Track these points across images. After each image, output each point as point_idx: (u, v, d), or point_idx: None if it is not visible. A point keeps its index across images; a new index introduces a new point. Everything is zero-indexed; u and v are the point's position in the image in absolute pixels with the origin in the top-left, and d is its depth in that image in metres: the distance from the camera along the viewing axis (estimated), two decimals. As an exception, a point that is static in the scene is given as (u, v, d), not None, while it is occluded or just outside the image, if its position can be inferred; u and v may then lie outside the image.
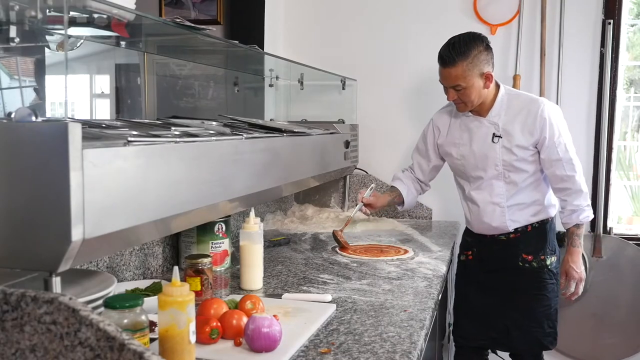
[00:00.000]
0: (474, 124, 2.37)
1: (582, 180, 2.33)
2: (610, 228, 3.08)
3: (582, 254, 2.41)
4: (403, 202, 2.57)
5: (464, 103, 2.30)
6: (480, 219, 2.41)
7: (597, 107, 3.01)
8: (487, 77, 2.25)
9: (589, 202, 2.35)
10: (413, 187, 2.59)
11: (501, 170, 2.32)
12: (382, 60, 3.21)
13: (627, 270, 3.02)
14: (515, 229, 2.37)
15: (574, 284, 2.38)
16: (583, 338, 3.03)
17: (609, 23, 2.94)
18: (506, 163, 2.31)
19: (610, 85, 2.97)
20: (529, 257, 2.36)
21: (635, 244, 3.03)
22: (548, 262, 2.36)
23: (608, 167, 3.04)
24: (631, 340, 3.01)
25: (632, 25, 3.29)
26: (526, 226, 2.38)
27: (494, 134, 2.32)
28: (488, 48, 2.26)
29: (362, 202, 2.47)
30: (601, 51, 2.98)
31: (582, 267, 2.39)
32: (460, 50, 2.20)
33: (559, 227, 2.49)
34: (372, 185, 2.62)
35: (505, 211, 2.35)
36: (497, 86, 2.35)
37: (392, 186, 2.60)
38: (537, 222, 2.38)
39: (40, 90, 1.75)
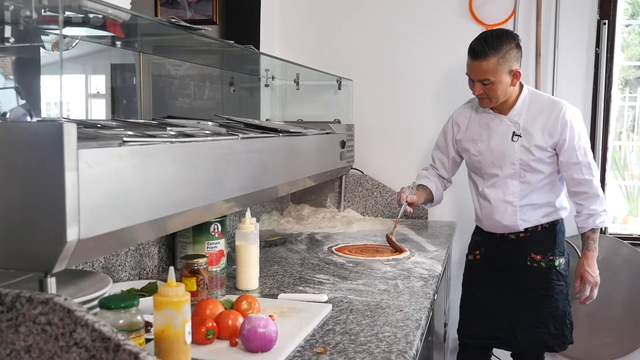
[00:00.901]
0: (494, 122, 2.37)
1: (599, 185, 2.34)
2: (605, 228, 3.09)
3: (577, 254, 2.42)
4: (433, 199, 2.59)
5: (488, 98, 2.29)
6: (492, 217, 2.41)
7: (592, 107, 3.02)
8: (515, 75, 2.26)
9: (605, 207, 2.35)
10: (440, 184, 2.61)
11: (517, 170, 2.33)
12: (377, 60, 3.21)
13: (622, 270, 3.02)
14: (525, 229, 2.38)
15: (589, 288, 2.39)
16: (579, 338, 3.02)
17: (604, 23, 2.95)
18: (523, 162, 2.31)
19: (605, 85, 2.98)
20: (538, 257, 2.36)
21: (631, 243, 3.04)
22: (557, 263, 2.36)
23: (603, 167, 3.05)
24: (627, 340, 3.02)
25: (627, 26, 3.30)
26: (536, 226, 2.38)
27: (514, 132, 2.32)
28: (519, 46, 2.27)
29: (406, 201, 2.45)
30: (596, 51, 2.98)
31: (597, 272, 2.39)
32: (493, 45, 2.20)
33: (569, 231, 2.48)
34: (415, 182, 2.60)
35: (517, 210, 2.35)
36: (521, 86, 2.35)
37: (419, 185, 2.59)
38: (548, 223, 2.39)
39: (35, 90, 1.74)
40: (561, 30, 2.99)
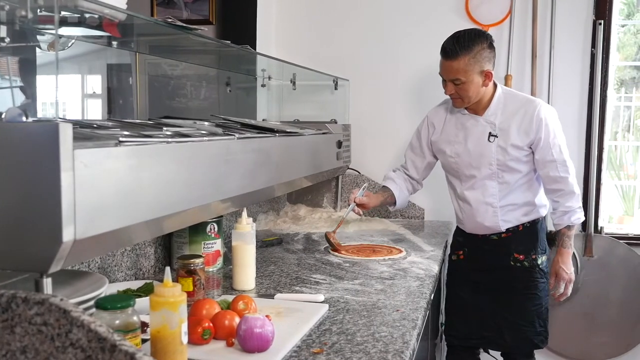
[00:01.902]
0: (470, 123, 2.37)
1: (575, 182, 2.35)
2: (601, 227, 3.10)
3: (574, 254, 2.43)
4: (395, 202, 2.57)
5: (460, 98, 2.30)
6: (473, 219, 2.41)
7: (588, 107, 3.03)
8: (487, 75, 2.26)
9: (581, 204, 2.37)
10: (405, 186, 2.59)
11: (495, 170, 2.33)
12: (374, 60, 3.21)
13: (618, 270, 3.03)
14: (507, 229, 2.39)
15: (564, 285, 2.40)
16: (574, 337, 3.05)
17: (600, 24, 2.96)
18: (500, 162, 2.32)
19: (601, 85, 2.99)
20: (521, 257, 2.37)
21: (626, 243, 3.05)
22: (539, 262, 2.38)
23: (599, 166, 3.06)
24: (622, 339, 3.03)
25: (623, 26, 3.31)
26: (517, 226, 2.39)
27: (490, 133, 2.32)
28: (491, 47, 2.27)
29: (354, 202, 2.46)
30: (592, 51, 2.99)
31: (572, 269, 2.41)
32: (464, 45, 2.21)
33: (550, 227, 2.50)
34: (365, 185, 2.63)
35: (498, 211, 2.36)
36: (495, 85, 2.35)
37: (383, 186, 2.59)
38: (529, 222, 2.40)
39: (31, 91, 1.74)
40: (557, 31, 3.00)
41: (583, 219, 2.38)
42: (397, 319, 1.57)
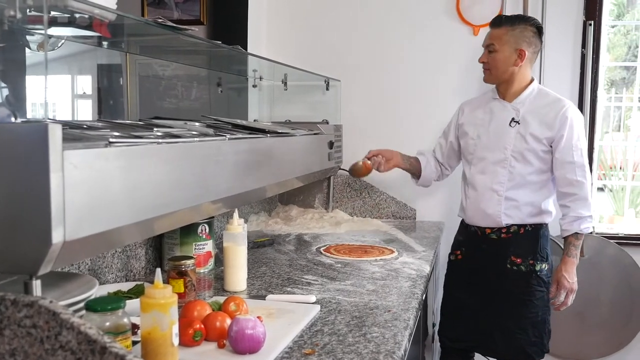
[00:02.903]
0: (497, 107, 2.41)
1: (590, 191, 2.33)
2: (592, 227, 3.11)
3: None
4: (420, 175, 2.64)
5: (489, 70, 2.36)
6: (477, 205, 2.41)
7: (579, 108, 3.04)
8: (520, 54, 2.31)
9: (592, 213, 2.33)
10: (433, 164, 2.66)
11: (508, 156, 2.34)
12: (365, 60, 3.22)
13: (608, 269, 3.05)
14: (508, 229, 2.37)
15: (564, 294, 2.35)
16: (566, 336, 3.06)
17: (590, 24, 2.98)
18: (516, 149, 2.33)
19: (591, 85, 3.01)
20: (518, 260, 2.35)
21: (617, 243, 3.06)
22: (537, 268, 2.34)
23: (590, 166, 3.06)
24: (614, 338, 3.05)
25: (613, 27, 3.33)
26: (519, 228, 2.36)
27: (512, 118, 2.35)
28: (537, 34, 2.34)
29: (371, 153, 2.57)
30: (582, 52, 3.01)
31: (575, 279, 2.35)
32: (510, 18, 2.35)
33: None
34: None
35: (502, 201, 2.35)
36: (532, 80, 2.40)
37: (412, 157, 2.68)
38: (531, 226, 2.37)
39: (20, 91, 1.73)
40: (547, 31, 3.01)
41: (592, 230, 2.35)
42: (389, 319, 1.58)
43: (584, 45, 3.00)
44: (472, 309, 2.43)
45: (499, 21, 2.35)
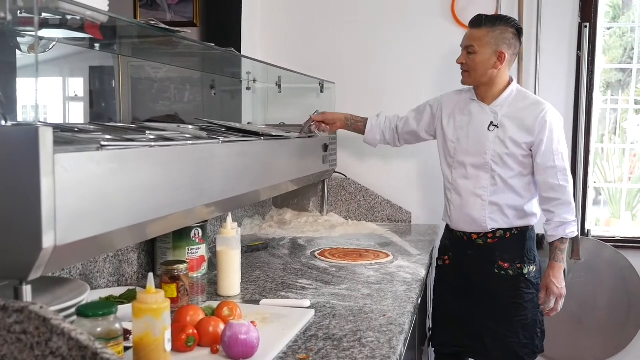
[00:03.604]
0: (476, 109, 2.39)
1: (572, 194, 2.32)
2: (588, 230, 3.13)
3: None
4: (363, 128, 2.73)
5: (468, 72, 2.34)
6: (461, 210, 2.39)
7: (574, 110, 3.05)
8: (500, 57, 2.28)
9: (575, 217, 2.33)
10: (383, 127, 2.71)
11: (488, 160, 2.32)
12: (360, 63, 3.22)
13: (605, 272, 3.06)
14: (494, 234, 2.36)
15: (554, 300, 2.34)
16: (562, 340, 3.07)
17: (585, 26, 2.99)
18: (495, 154, 2.31)
19: (587, 88, 3.02)
20: (505, 265, 2.34)
21: (613, 245, 3.08)
22: (525, 271, 2.33)
23: (585, 169, 3.08)
24: (610, 342, 3.06)
25: (608, 29, 3.34)
26: (505, 232, 2.36)
27: (491, 122, 2.33)
28: (516, 36, 2.32)
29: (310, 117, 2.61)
30: (578, 54, 3.02)
31: (564, 283, 2.35)
32: (490, 19, 2.31)
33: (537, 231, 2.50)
34: (316, 110, 2.75)
35: (486, 206, 2.34)
36: (510, 81, 2.38)
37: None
38: (516, 230, 2.36)
39: (10, 94, 1.72)
40: (543, 33, 3.03)
41: (577, 233, 2.34)
42: (384, 324, 1.58)
43: (579, 47, 3.02)
44: (460, 314, 2.42)
45: (479, 21, 2.31)
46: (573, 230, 2.32)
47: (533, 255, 2.38)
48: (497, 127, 2.31)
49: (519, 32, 2.33)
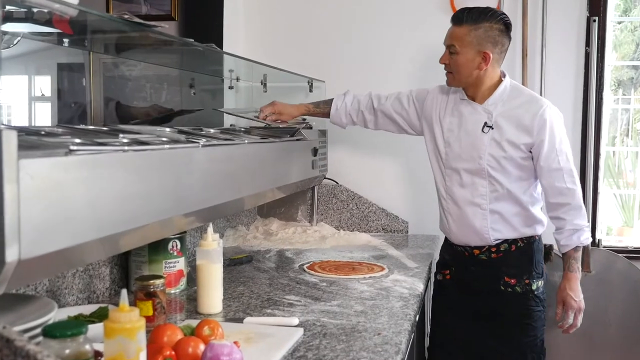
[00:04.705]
0: (467, 109, 2.36)
1: (581, 197, 2.29)
2: (599, 240, 3.14)
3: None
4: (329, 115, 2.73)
5: (451, 73, 2.32)
6: (461, 222, 2.37)
7: (583, 110, 3.07)
8: (485, 57, 2.25)
9: (588, 222, 2.30)
10: (353, 107, 2.69)
11: (484, 166, 2.28)
12: (352, 59, 3.23)
13: (617, 286, 3.07)
14: (498, 248, 2.34)
15: (573, 315, 2.30)
16: (572, 359, 3.08)
17: (594, 20, 3.01)
18: (492, 158, 2.28)
19: (596, 86, 3.04)
20: (512, 281, 2.31)
21: (626, 257, 3.08)
22: (534, 287, 2.30)
23: (595, 174, 3.10)
24: (623, 361, 3.07)
25: (619, 23, 3.38)
26: (510, 245, 2.34)
27: (485, 123, 2.30)
28: (503, 32, 2.28)
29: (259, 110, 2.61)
30: (586, 50, 3.05)
31: (582, 296, 2.31)
32: (472, 15, 2.26)
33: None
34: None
35: (487, 215, 2.31)
36: (503, 76, 2.35)
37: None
38: (523, 241, 2.34)
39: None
40: (549, 28, 3.05)
41: (591, 239, 2.30)
42: (379, 343, 1.58)
43: (588, 43, 3.04)
44: (462, 335, 2.39)
45: (461, 18, 2.27)
46: (587, 237, 2.29)
47: (541, 269, 2.35)
48: (492, 128, 2.28)
49: (507, 27, 2.29)
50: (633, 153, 3.53)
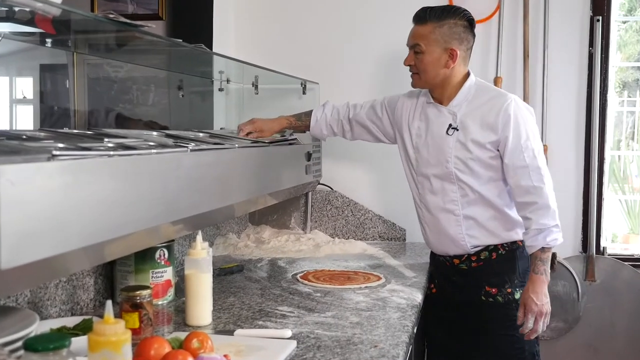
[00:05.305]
0: (432, 113, 2.37)
1: (552, 196, 2.25)
2: (603, 248, 3.15)
3: (573, 278, 2.39)
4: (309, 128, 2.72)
5: (418, 74, 2.33)
6: (437, 229, 2.38)
7: (587, 113, 3.09)
8: (452, 54, 2.26)
9: (558, 222, 2.25)
10: (333, 117, 2.69)
11: (452, 169, 2.28)
12: (347, 61, 3.24)
13: (623, 295, 3.08)
14: (478, 256, 2.33)
15: (533, 319, 2.23)
16: (577, 372, 3.09)
17: (598, 20, 3.03)
18: (459, 160, 2.28)
19: (600, 88, 3.05)
20: (493, 290, 2.31)
21: (632, 265, 3.09)
22: (517, 296, 2.28)
23: (600, 179, 3.11)
24: (629, 373, 3.08)
25: (624, 22, 3.39)
26: (490, 253, 2.33)
27: (450, 125, 2.31)
28: (468, 28, 2.30)
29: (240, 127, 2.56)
30: (590, 51, 3.06)
31: (546, 300, 2.24)
32: (435, 13, 2.28)
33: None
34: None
35: (461, 220, 2.31)
36: (467, 75, 2.35)
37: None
38: (504, 248, 2.33)
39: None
40: (551, 28, 3.06)
41: (561, 240, 2.26)
42: (376, 356, 1.58)
43: (591, 43, 3.06)
44: (449, 350, 2.41)
45: (423, 17, 2.29)
46: (555, 238, 2.23)
47: (524, 277, 2.31)
48: (457, 130, 2.29)
49: (470, 23, 2.31)
50: (639, 157, 3.54)
